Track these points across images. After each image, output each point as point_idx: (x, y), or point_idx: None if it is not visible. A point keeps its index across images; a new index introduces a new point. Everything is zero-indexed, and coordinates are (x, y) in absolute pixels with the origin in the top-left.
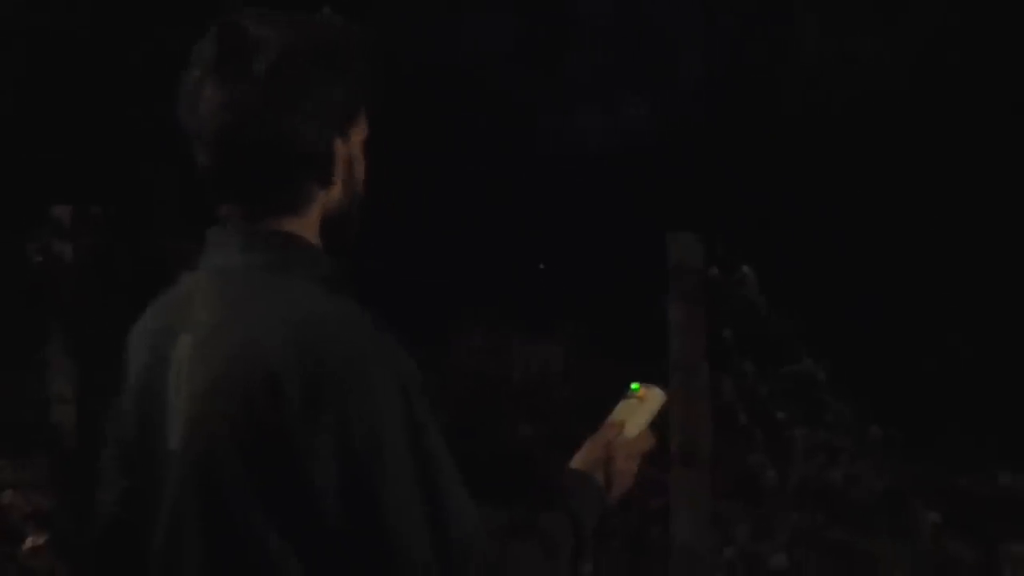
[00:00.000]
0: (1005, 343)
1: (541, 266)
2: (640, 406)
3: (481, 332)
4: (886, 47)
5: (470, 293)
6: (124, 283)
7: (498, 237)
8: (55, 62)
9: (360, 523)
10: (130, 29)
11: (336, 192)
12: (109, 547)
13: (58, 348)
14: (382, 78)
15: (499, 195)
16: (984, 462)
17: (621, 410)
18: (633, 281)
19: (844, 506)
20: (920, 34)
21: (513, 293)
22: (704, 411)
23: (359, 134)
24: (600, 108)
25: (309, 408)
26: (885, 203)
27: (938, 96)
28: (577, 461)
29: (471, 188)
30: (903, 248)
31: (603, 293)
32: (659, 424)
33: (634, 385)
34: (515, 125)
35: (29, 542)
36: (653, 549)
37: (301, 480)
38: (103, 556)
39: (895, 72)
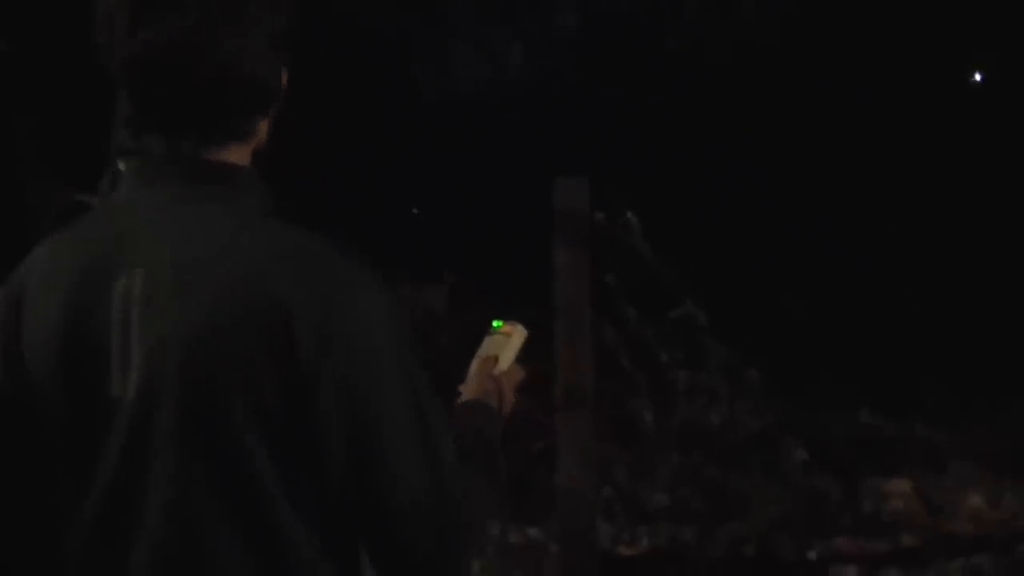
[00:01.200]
0: (869, 290)
1: (415, 211)
2: (507, 341)
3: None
4: None
5: (355, 241)
6: None
7: (382, 184)
8: None
9: (362, 451)
10: None
11: (263, 134)
12: None
13: None
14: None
15: (381, 140)
16: (847, 402)
17: (489, 346)
18: (521, 227)
19: (721, 446)
20: None
21: (399, 240)
22: (588, 355)
23: (285, 72)
24: (482, 52)
25: (322, 341)
26: (765, 149)
27: (815, 46)
28: (472, 391)
29: (352, 134)
30: (781, 194)
31: (490, 240)
32: (523, 359)
33: (496, 322)
34: (396, 69)
35: None
36: (538, 490)
37: (308, 413)
38: None
39: (773, 21)
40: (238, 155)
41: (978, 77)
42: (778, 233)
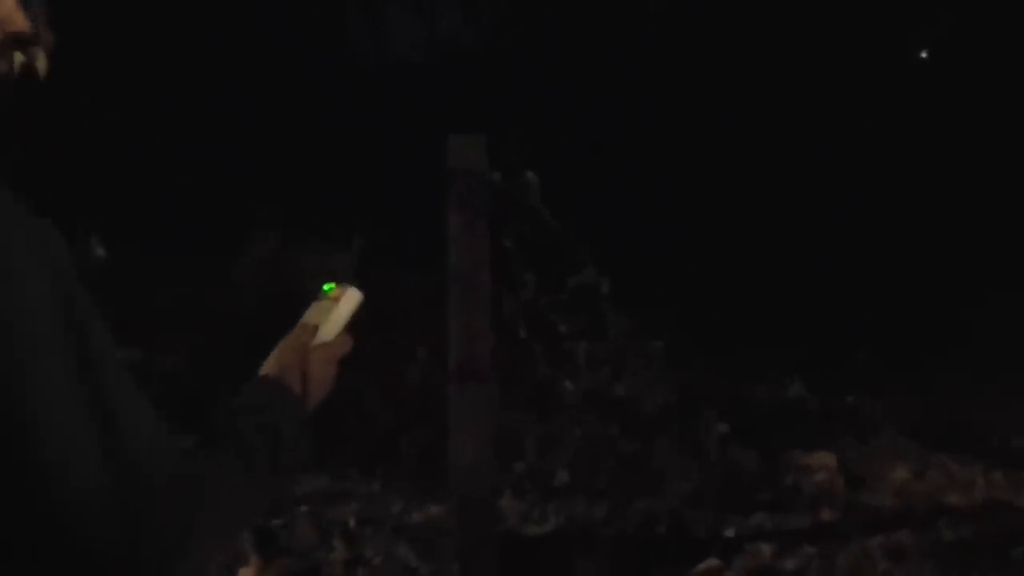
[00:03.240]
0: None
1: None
2: (335, 308)
3: (271, 242)
4: None
5: (258, 204)
6: None
7: (287, 144)
8: None
9: (5, 447)
10: None
11: None
12: None
13: None
14: None
15: (286, 100)
16: (771, 371)
17: (314, 312)
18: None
19: (632, 418)
20: None
21: (302, 203)
22: (484, 324)
23: None
24: (379, 12)
25: None
26: (671, 106)
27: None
28: (269, 367)
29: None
30: (692, 149)
31: (396, 201)
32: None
33: (327, 286)
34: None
35: None
36: (441, 467)
37: None
38: None
39: None
40: None
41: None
42: (690, 192)
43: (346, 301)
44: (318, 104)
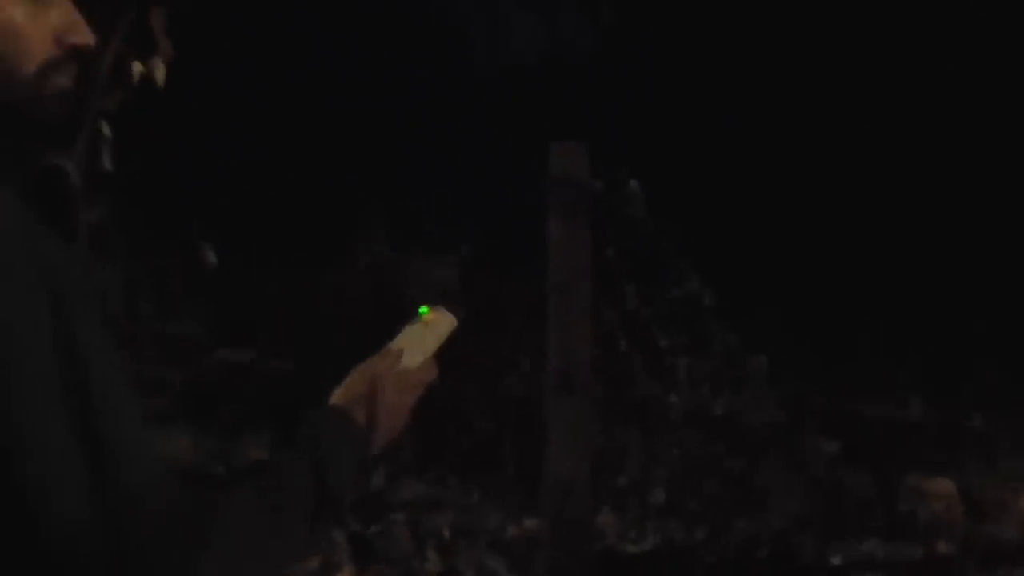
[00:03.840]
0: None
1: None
2: (425, 332)
3: (378, 251)
4: None
5: (365, 213)
6: None
7: (392, 154)
8: None
9: None
10: None
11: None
12: None
13: None
14: None
15: (390, 112)
16: (888, 389)
17: (403, 337)
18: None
19: (736, 436)
20: None
21: (410, 211)
22: (584, 335)
23: None
24: (485, 19)
25: None
26: (782, 117)
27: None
28: (337, 396)
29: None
30: (803, 161)
31: (504, 210)
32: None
33: (422, 308)
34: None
35: None
36: (538, 480)
37: None
38: None
39: None
40: None
41: None
42: (800, 199)
43: (438, 326)
44: (426, 111)
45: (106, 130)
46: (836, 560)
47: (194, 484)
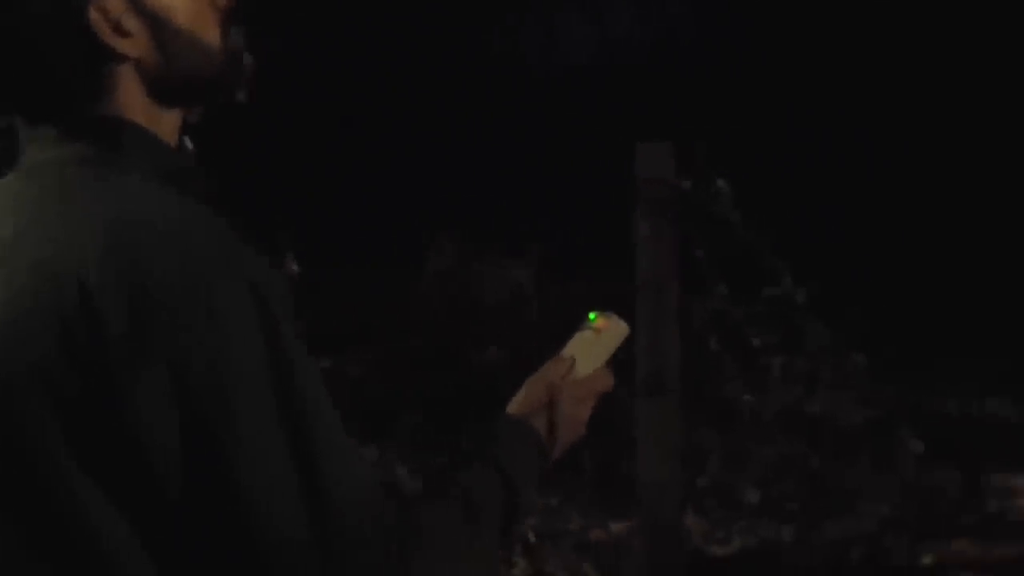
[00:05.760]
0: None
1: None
2: (597, 340)
3: (451, 254)
4: None
5: (439, 216)
6: None
7: (466, 156)
8: None
9: (207, 493)
10: None
11: (150, 60)
12: None
13: None
14: None
15: (466, 113)
16: (971, 387)
17: (574, 344)
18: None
19: (824, 436)
20: None
21: (483, 213)
22: (673, 336)
23: None
24: (566, 15)
25: (135, 336)
26: (873, 114)
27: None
28: (515, 405)
29: (437, 106)
30: (890, 158)
31: (576, 210)
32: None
33: (592, 315)
34: (478, 36)
35: None
36: (622, 482)
37: (127, 435)
38: None
39: None
40: (113, 107)
41: None
42: (890, 198)
43: (610, 333)
44: (485, 112)
45: (188, 143)
46: (928, 560)
47: (391, 498)
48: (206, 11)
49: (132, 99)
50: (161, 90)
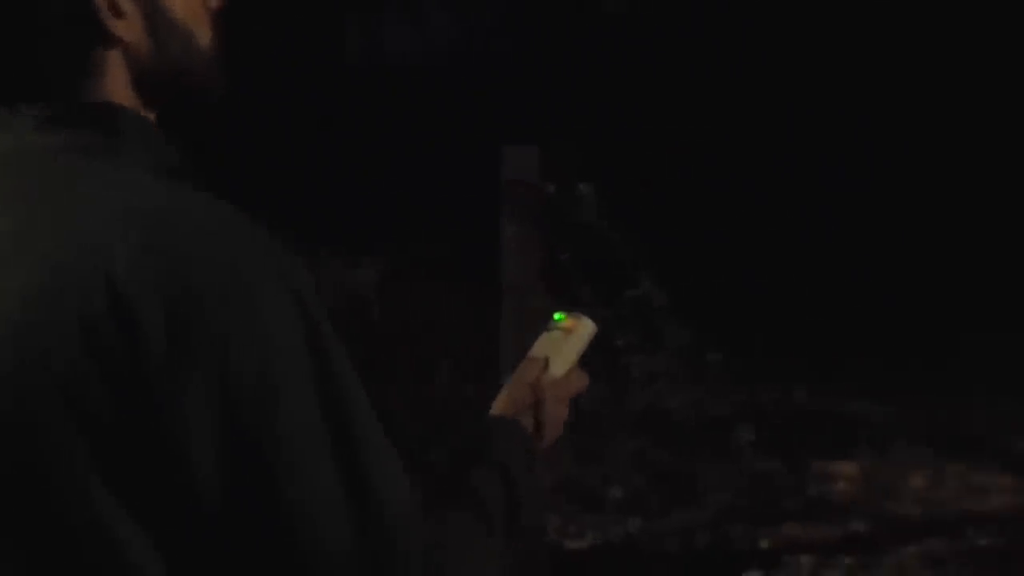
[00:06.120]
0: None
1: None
2: (566, 340)
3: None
4: None
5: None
6: None
7: (318, 156)
8: None
9: (250, 501)
10: None
11: (141, 47)
12: None
13: None
14: None
15: (315, 111)
16: (781, 379)
17: (543, 344)
18: (468, 199)
19: (674, 431)
20: None
21: (333, 213)
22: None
23: None
24: (418, 14)
25: (175, 340)
26: (728, 118)
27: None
28: (500, 406)
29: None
30: (748, 167)
31: (433, 213)
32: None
33: (558, 315)
34: (325, 34)
35: None
36: None
37: (166, 443)
38: None
39: None
40: (98, 92)
41: None
42: (743, 206)
43: (578, 333)
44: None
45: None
46: (764, 544)
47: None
48: (200, 8)
49: (118, 87)
50: (147, 82)
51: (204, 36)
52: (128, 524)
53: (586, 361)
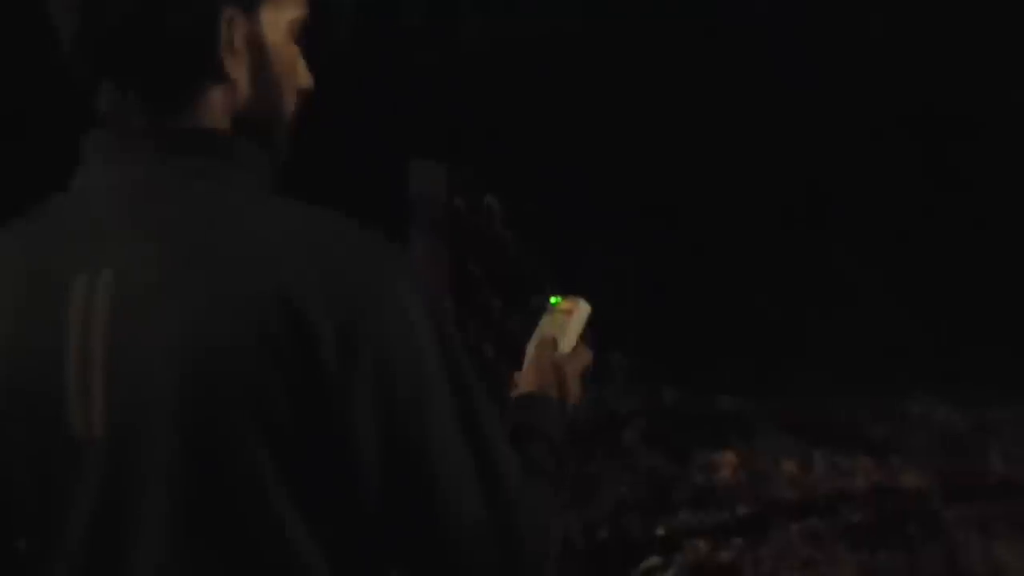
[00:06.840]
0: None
1: None
2: (567, 321)
3: None
4: None
5: None
6: None
7: None
8: None
9: (404, 479)
10: None
11: (242, 89)
12: None
13: None
14: None
15: None
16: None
17: (547, 326)
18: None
19: (578, 432)
20: None
21: None
22: None
23: (282, 11)
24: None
25: (346, 351)
26: (632, 130)
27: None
28: (527, 382)
29: None
30: (652, 177)
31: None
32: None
33: (554, 299)
34: None
35: None
36: None
37: (339, 443)
38: None
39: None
40: (213, 118)
41: None
42: (650, 211)
43: (578, 313)
44: None
45: None
46: (660, 532)
47: None
48: (294, 79)
49: (216, 119)
50: (241, 120)
51: (290, 103)
52: (301, 526)
53: (585, 338)
